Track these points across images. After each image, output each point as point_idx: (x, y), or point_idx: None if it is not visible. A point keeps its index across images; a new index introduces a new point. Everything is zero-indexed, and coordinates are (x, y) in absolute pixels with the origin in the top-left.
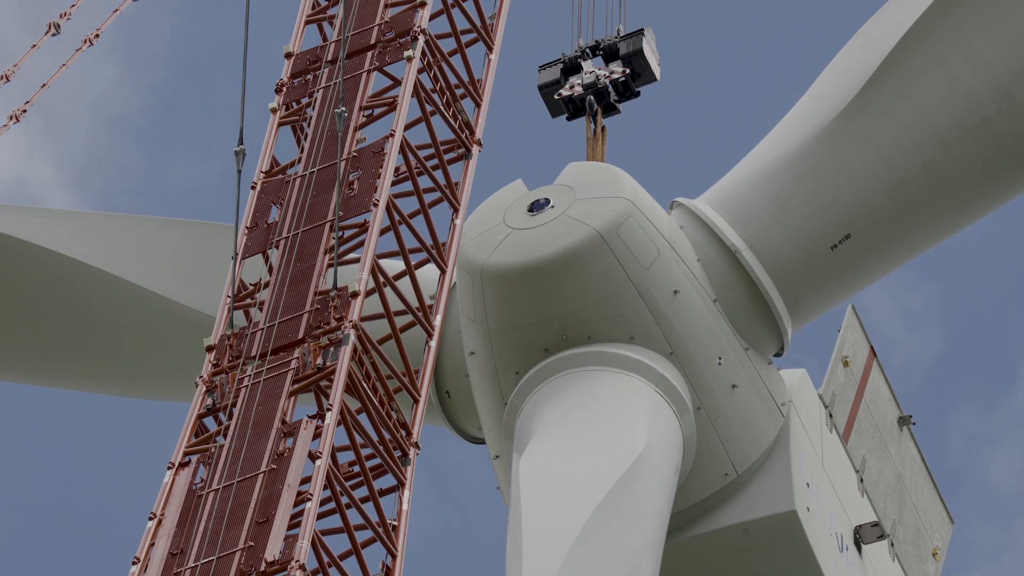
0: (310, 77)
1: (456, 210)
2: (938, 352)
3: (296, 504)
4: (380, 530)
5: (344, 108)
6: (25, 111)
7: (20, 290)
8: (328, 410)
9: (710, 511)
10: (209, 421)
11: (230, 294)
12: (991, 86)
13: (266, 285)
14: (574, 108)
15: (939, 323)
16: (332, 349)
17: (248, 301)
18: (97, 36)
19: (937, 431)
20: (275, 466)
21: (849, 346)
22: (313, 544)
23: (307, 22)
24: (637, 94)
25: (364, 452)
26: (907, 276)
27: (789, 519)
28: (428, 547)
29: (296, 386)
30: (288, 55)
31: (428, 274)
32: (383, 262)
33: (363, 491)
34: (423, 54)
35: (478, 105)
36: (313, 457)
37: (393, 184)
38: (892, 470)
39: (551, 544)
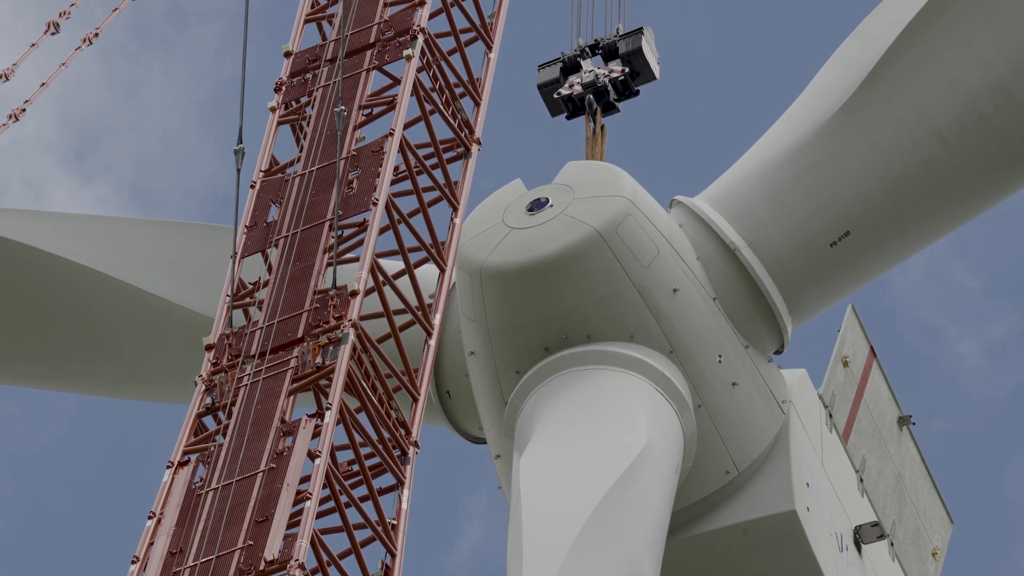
0: (309, 76)
1: (455, 209)
2: (1015, 385)
3: (295, 503)
4: (379, 529)
5: (343, 107)
6: (24, 110)
7: (19, 293)
8: (327, 409)
9: (710, 511)
10: (208, 420)
11: (229, 293)
12: (989, 82)
13: (265, 284)
14: (573, 107)
15: (1021, 354)
16: (331, 348)
17: (247, 300)
18: (96, 35)
19: (1001, 475)
20: (274, 465)
21: (849, 346)
22: (312, 543)
23: (306, 21)
24: (636, 93)
25: (363, 451)
26: (992, 305)
27: (789, 519)
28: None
29: (295, 385)
30: (287, 54)
31: (427, 273)
32: (382, 261)
33: (362, 490)
34: (422, 53)
35: (477, 104)
36: (312, 456)
37: (392, 183)
38: (892, 470)
39: (552, 543)
